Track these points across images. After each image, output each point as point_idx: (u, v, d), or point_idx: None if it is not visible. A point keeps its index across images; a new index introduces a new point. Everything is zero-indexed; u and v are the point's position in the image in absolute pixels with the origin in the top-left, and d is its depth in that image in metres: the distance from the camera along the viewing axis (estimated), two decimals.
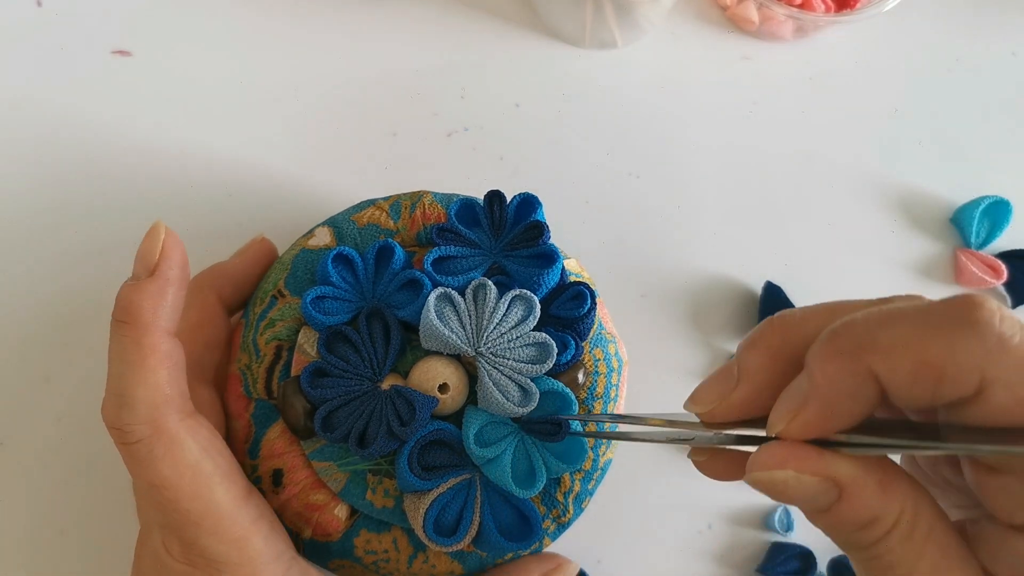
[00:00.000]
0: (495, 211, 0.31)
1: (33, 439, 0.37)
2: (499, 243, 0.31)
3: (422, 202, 0.32)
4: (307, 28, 0.43)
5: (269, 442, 0.29)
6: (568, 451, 0.29)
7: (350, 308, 0.30)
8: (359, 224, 0.32)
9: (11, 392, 0.37)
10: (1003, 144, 0.45)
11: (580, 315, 0.30)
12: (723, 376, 0.23)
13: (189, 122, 0.41)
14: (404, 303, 0.30)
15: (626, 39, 0.44)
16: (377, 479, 0.29)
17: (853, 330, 0.19)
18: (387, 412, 0.28)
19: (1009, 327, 0.18)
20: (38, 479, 0.36)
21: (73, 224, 0.39)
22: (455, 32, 0.44)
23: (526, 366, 0.29)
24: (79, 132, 0.40)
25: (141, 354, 0.26)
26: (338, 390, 0.28)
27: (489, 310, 0.29)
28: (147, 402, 0.26)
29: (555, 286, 0.30)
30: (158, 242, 0.28)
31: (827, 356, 0.19)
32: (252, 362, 0.30)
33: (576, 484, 0.31)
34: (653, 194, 0.42)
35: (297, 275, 0.31)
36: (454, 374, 0.29)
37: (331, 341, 0.29)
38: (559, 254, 0.30)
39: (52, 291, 0.38)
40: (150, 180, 0.40)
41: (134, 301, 0.26)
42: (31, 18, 0.42)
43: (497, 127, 0.42)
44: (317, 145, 0.41)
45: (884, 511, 0.20)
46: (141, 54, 0.42)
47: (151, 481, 0.25)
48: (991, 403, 0.18)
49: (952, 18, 0.47)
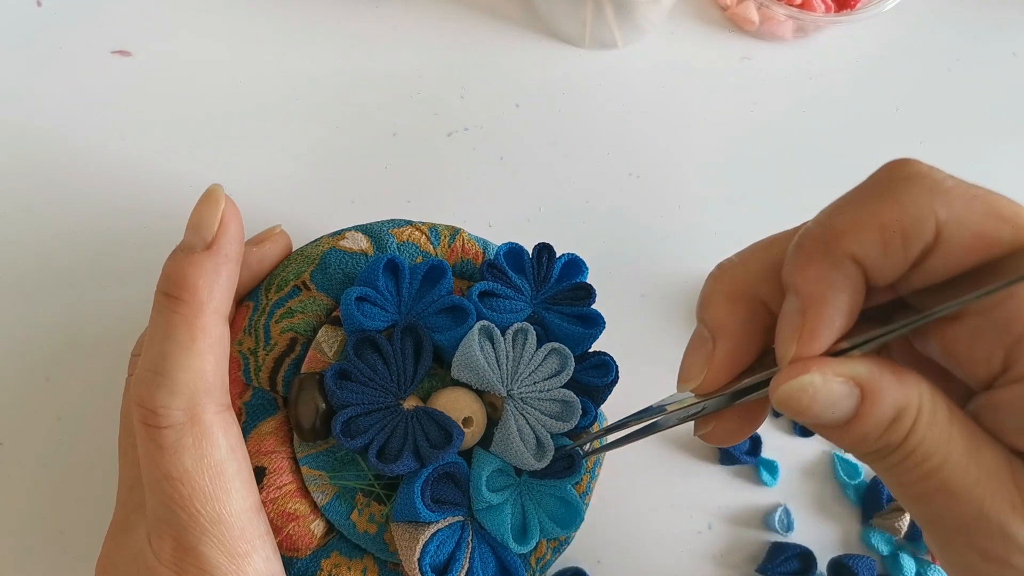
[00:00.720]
0: (543, 263, 0.31)
1: (33, 439, 0.37)
2: (540, 295, 0.31)
3: (461, 236, 0.32)
4: (307, 28, 0.43)
5: (259, 436, 0.28)
6: (564, 515, 0.29)
7: (386, 318, 0.28)
8: (398, 240, 0.31)
9: (11, 392, 0.37)
10: (1003, 144, 0.45)
11: (604, 384, 0.30)
12: (698, 343, 0.23)
13: (189, 122, 0.41)
14: (441, 327, 0.29)
15: (626, 39, 0.44)
16: (366, 501, 0.28)
17: (814, 232, 0.20)
18: (414, 432, 0.27)
19: (939, 173, 0.19)
20: (38, 479, 0.36)
21: (73, 224, 0.39)
22: (455, 32, 0.44)
23: (549, 420, 0.28)
24: (79, 132, 0.40)
25: (191, 335, 0.24)
26: (363, 396, 0.27)
27: (528, 356, 0.28)
28: (189, 387, 0.24)
29: (581, 352, 0.30)
30: (218, 210, 0.25)
31: (803, 264, 0.20)
32: (259, 348, 0.29)
33: (548, 553, 0.30)
34: (653, 194, 0.42)
35: (328, 272, 0.30)
36: (480, 410, 0.28)
37: (360, 347, 0.28)
38: (603, 320, 0.30)
39: (52, 291, 0.38)
40: (150, 180, 0.40)
41: (188, 276, 0.24)
42: (31, 18, 0.42)
43: (497, 127, 0.42)
44: (317, 145, 0.41)
45: (907, 401, 0.19)
46: (141, 54, 0.42)
47: (168, 472, 0.23)
48: (952, 243, 0.19)
49: (952, 18, 0.47)
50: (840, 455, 0.39)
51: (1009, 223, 0.18)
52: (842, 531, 0.38)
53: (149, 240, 0.39)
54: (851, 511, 0.38)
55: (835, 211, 0.20)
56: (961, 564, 0.20)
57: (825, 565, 0.37)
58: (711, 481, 0.38)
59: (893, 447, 0.20)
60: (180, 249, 0.25)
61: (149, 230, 0.39)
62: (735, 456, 0.37)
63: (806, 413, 0.20)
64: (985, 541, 0.19)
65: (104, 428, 0.37)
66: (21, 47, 0.42)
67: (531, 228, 0.41)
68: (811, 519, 0.38)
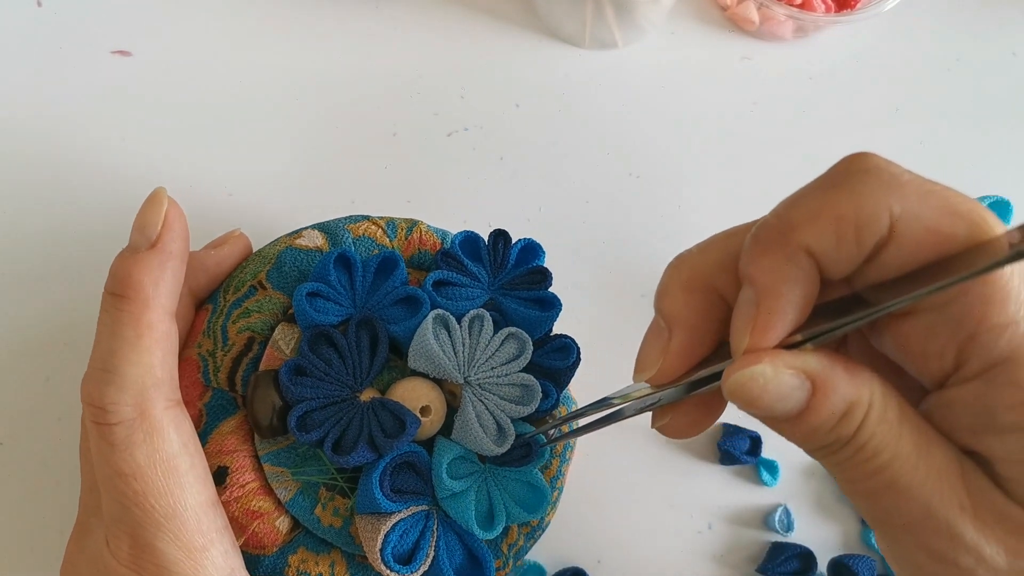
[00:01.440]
0: (499, 249, 0.31)
1: (33, 439, 0.36)
2: (497, 281, 0.31)
3: (418, 228, 0.32)
4: (307, 28, 0.43)
5: (220, 436, 0.28)
6: (530, 499, 0.29)
7: (340, 312, 0.29)
8: (354, 234, 0.31)
9: (11, 392, 0.37)
10: (1003, 144, 0.45)
11: (565, 367, 0.30)
12: (654, 333, 0.22)
13: (189, 122, 0.41)
14: (396, 318, 0.29)
15: (626, 39, 0.44)
16: (330, 495, 0.28)
17: (770, 223, 0.20)
18: (369, 423, 0.27)
19: (896, 168, 0.19)
20: (38, 479, 0.36)
21: (73, 223, 0.39)
22: (455, 32, 0.44)
23: (509, 405, 0.28)
24: (79, 132, 0.40)
25: (138, 331, 0.24)
26: (318, 391, 0.27)
27: (484, 342, 0.28)
28: (137, 383, 0.24)
29: (541, 335, 0.30)
30: (161, 211, 0.26)
31: (758, 254, 0.20)
32: (217, 349, 0.29)
33: (520, 539, 0.30)
34: (653, 194, 0.42)
35: (284, 270, 0.30)
36: (438, 399, 0.28)
37: (315, 341, 0.28)
38: (560, 302, 0.30)
39: (52, 291, 0.38)
40: (151, 179, 0.40)
41: (133, 274, 0.25)
42: (31, 18, 0.42)
43: (497, 127, 0.42)
44: (317, 145, 0.41)
45: (857, 396, 0.19)
46: (141, 54, 0.42)
47: (120, 468, 0.24)
48: (906, 238, 0.18)
49: (952, 18, 0.47)
50: None
51: (964, 219, 0.18)
52: (842, 531, 0.38)
53: None
54: (851, 511, 0.38)
55: (791, 203, 0.20)
56: (909, 563, 0.20)
57: (825, 565, 0.37)
58: (711, 481, 0.38)
59: (842, 442, 0.20)
60: (126, 249, 0.26)
61: None
62: (735, 456, 0.37)
63: (756, 403, 0.19)
64: (933, 540, 0.19)
65: None
66: (21, 47, 0.42)
67: (531, 228, 0.41)
68: (811, 519, 0.38)
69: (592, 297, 0.40)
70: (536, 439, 0.29)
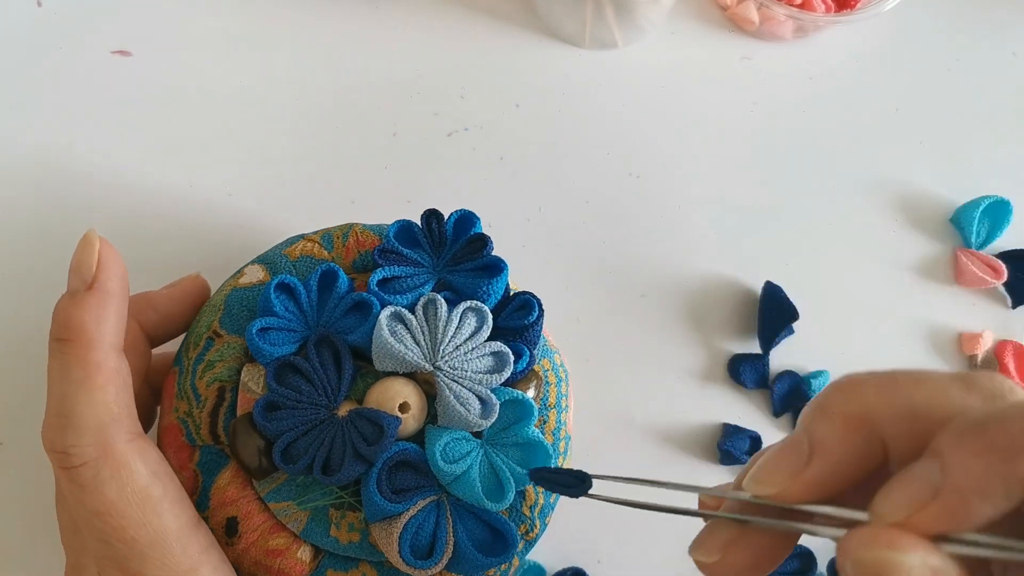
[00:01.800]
0: (434, 229, 0.31)
1: (33, 439, 0.36)
2: (441, 260, 0.31)
3: (353, 231, 0.32)
4: (307, 28, 0.43)
5: (219, 490, 0.28)
6: (533, 456, 0.29)
7: (296, 338, 0.29)
8: (291, 258, 0.31)
9: (11, 392, 0.37)
10: (1003, 144, 0.45)
11: (529, 323, 0.30)
12: (790, 450, 0.20)
13: (189, 122, 0.41)
14: (352, 327, 0.29)
15: (626, 39, 0.44)
16: (340, 513, 0.28)
17: (1009, 430, 0.17)
18: (351, 436, 0.27)
19: None
20: (38, 479, 0.36)
21: (73, 223, 0.39)
22: (455, 32, 0.44)
23: (484, 376, 0.28)
24: (79, 132, 0.40)
25: (86, 372, 0.25)
26: (294, 420, 0.27)
27: (442, 324, 0.28)
28: (94, 422, 0.24)
29: (500, 299, 0.30)
30: (93, 252, 0.26)
31: (975, 452, 0.17)
32: (192, 408, 0.29)
33: (540, 497, 0.30)
34: (653, 194, 0.42)
35: (233, 313, 0.30)
36: (413, 392, 0.28)
37: (280, 373, 0.28)
38: (504, 263, 0.30)
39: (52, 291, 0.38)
40: (151, 179, 0.40)
41: (74, 316, 0.25)
42: (31, 18, 0.42)
43: (497, 127, 0.42)
44: (318, 145, 0.41)
45: None
46: (141, 54, 0.42)
47: (95, 508, 0.24)
48: None
49: (952, 18, 0.47)
50: None
51: None
52: None
53: (149, 239, 0.39)
54: None
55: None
56: None
57: (825, 565, 0.37)
58: (711, 481, 0.38)
59: None
60: (65, 294, 0.26)
61: (148, 229, 0.39)
62: (735, 456, 0.37)
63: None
64: None
65: None
66: (21, 47, 0.42)
67: (531, 228, 0.41)
68: None
69: (592, 297, 0.40)
70: (590, 482, 0.27)
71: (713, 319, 0.40)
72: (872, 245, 0.42)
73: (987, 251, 0.42)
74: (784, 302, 0.39)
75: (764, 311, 0.40)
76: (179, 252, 0.39)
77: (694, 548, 0.22)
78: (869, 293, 0.41)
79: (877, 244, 0.42)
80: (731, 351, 0.40)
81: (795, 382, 0.39)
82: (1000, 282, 0.41)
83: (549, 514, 0.31)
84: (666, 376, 0.39)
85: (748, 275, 0.41)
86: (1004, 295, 0.42)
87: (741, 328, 0.40)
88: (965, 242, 0.42)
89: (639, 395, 0.39)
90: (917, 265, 0.42)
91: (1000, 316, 0.42)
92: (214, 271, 0.39)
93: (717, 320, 0.40)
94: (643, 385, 0.39)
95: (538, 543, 0.31)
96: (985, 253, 0.42)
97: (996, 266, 0.41)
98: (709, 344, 0.40)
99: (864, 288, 0.41)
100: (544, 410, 0.31)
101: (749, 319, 0.40)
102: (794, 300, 0.39)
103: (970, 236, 0.42)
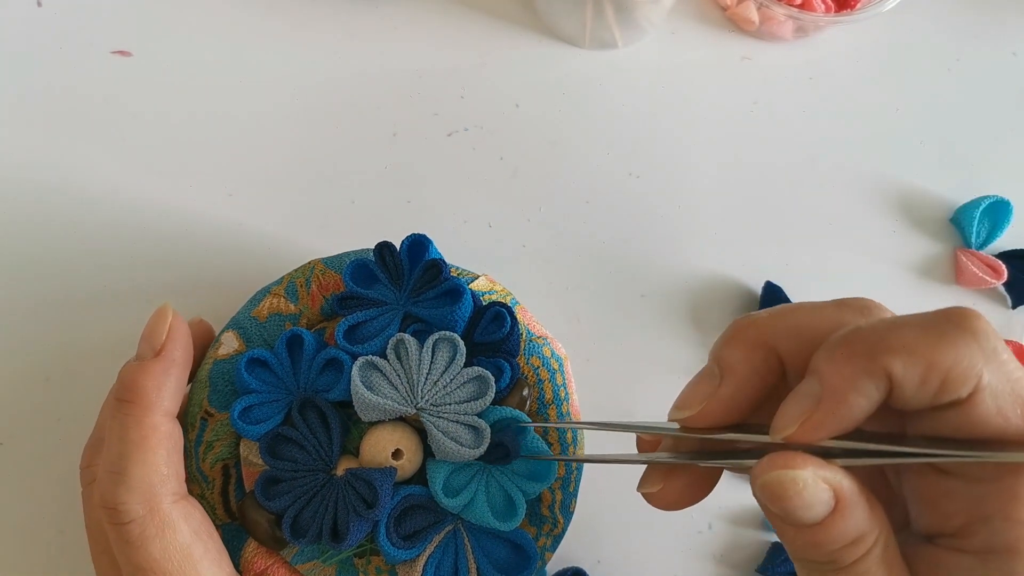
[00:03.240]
0: (388, 262, 0.31)
1: (33, 439, 0.37)
2: (404, 293, 0.31)
3: (315, 274, 0.32)
4: (307, 28, 0.43)
5: (247, 562, 0.29)
6: (538, 470, 0.29)
7: (280, 408, 0.29)
8: (260, 319, 0.31)
9: (11, 392, 0.37)
10: (1003, 144, 0.45)
11: (504, 335, 0.30)
12: (704, 377, 0.23)
13: (189, 122, 0.41)
14: (331, 384, 0.29)
15: (626, 39, 0.44)
16: (365, 560, 0.29)
17: (866, 335, 0.20)
18: (350, 499, 0.27)
19: (999, 341, 0.20)
20: (38, 479, 0.36)
21: (73, 223, 0.39)
22: (455, 32, 0.44)
23: (469, 404, 0.28)
24: (79, 132, 0.40)
25: (142, 433, 0.26)
26: (295, 492, 0.28)
27: (415, 364, 0.28)
28: (144, 482, 0.26)
29: (472, 314, 0.30)
30: (165, 324, 0.28)
31: (842, 358, 0.20)
32: (205, 491, 0.30)
33: (557, 494, 0.30)
34: (653, 194, 0.42)
35: (218, 389, 0.30)
36: (403, 437, 0.28)
37: (273, 446, 0.29)
38: (464, 286, 0.30)
39: (52, 291, 0.38)
40: (151, 179, 0.40)
41: (138, 381, 0.27)
42: (31, 18, 0.42)
43: (497, 127, 0.42)
44: (318, 145, 0.41)
45: (869, 529, 0.20)
46: (141, 54, 0.42)
47: (139, 563, 0.25)
48: (976, 409, 0.19)
49: (952, 18, 0.47)
50: None
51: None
52: None
53: (149, 239, 0.39)
54: None
55: (893, 327, 0.20)
56: None
57: None
58: None
59: (837, 566, 0.20)
60: (133, 358, 0.28)
61: (149, 229, 0.39)
62: None
63: (782, 503, 0.20)
64: None
65: None
66: (21, 47, 0.42)
67: (531, 228, 0.41)
68: None
69: (592, 297, 0.40)
70: (514, 436, 0.29)
71: (713, 319, 0.40)
72: (872, 245, 0.42)
73: (987, 251, 0.42)
74: (784, 302, 0.39)
75: None
76: (178, 252, 0.39)
77: (640, 484, 0.25)
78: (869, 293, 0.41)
79: (877, 244, 0.42)
80: None
81: None
82: (1000, 282, 0.41)
83: (572, 502, 0.31)
84: (667, 376, 0.39)
85: (748, 275, 0.41)
86: (1004, 295, 0.42)
87: None
88: (965, 242, 0.42)
89: (640, 395, 0.39)
90: (917, 265, 0.42)
91: (1000, 316, 0.42)
92: (214, 271, 0.39)
93: (717, 320, 0.40)
94: (644, 385, 0.39)
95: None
96: (985, 253, 0.42)
97: (996, 266, 0.41)
98: (709, 344, 0.40)
99: (864, 288, 0.41)
100: (543, 408, 0.31)
101: None
102: (794, 300, 0.39)
103: (970, 236, 0.42)
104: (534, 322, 0.33)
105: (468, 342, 0.29)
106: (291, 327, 0.30)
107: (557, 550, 0.31)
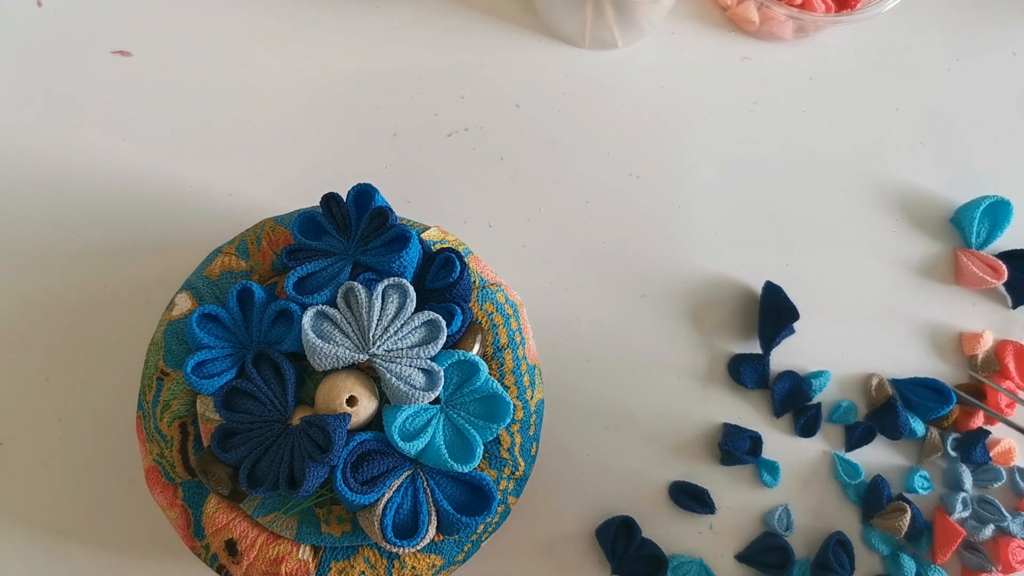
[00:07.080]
0: (335, 213, 0.31)
1: (33, 439, 0.37)
2: (352, 242, 0.30)
3: (265, 231, 0.32)
4: (307, 29, 0.43)
5: (209, 517, 0.29)
6: (494, 411, 0.29)
7: (233, 361, 0.29)
8: (212, 277, 0.31)
9: (11, 392, 0.37)
10: (1003, 144, 0.45)
11: (454, 280, 0.29)
12: None
13: (189, 122, 0.41)
14: (283, 336, 0.29)
15: (626, 39, 0.44)
16: (326, 510, 0.29)
17: None
18: (305, 445, 0.27)
19: None
20: (38, 479, 0.36)
21: (74, 223, 0.39)
22: (455, 32, 0.44)
23: (422, 348, 0.28)
24: (79, 132, 0.40)
25: None
26: (251, 444, 0.28)
27: (364, 310, 0.28)
28: None
29: (421, 261, 0.30)
30: None
31: None
32: (163, 449, 0.30)
33: (516, 436, 0.30)
34: (653, 194, 0.42)
35: (172, 349, 0.30)
36: (357, 383, 0.28)
37: (228, 399, 0.28)
38: (411, 231, 0.30)
39: (52, 291, 0.38)
40: (151, 179, 0.40)
41: None
42: (31, 18, 0.42)
43: (497, 127, 0.42)
44: (318, 145, 0.41)
45: None
46: (141, 54, 0.42)
47: None
48: None
49: (952, 18, 0.47)
50: (840, 455, 0.39)
51: None
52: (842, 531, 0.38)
53: (149, 239, 0.39)
54: (851, 511, 0.38)
55: None
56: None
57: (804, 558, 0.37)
58: (711, 481, 0.38)
59: None
60: None
61: (149, 229, 0.39)
62: (736, 456, 0.37)
63: None
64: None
65: (104, 428, 0.37)
66: (21, 47, 0.42)
67: (531, 228, 0.41)
68: (811, 519, 0.38)
69: (592, 297, 0.40)
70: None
71: (713, 319, 0.40)
72: (872, 245, 0.42)
73: (987, 251, 0.42)
74: (784, 302, 0.39)
75: (764, 311, 0.40)
76: (179, 252, 0.39)
77: None
78: (869, 293, 0.41)
79: (877, 244, 0.42)
80: (731, 351, 0.40)
81: (795, 382, 0.39)
82: (1000, 282, 0.41)
83: (533, 446, 0.31)
84: (667, 376, 0.39)
85: (748, 275, 0.41)
86: (1004, 295, 0.42)
87: (741, 328, 0.40)
88: (965, 242, 0.42)
89: (640, 395, 0.39)
90: (917, 265, 0.42)
91: (1000, 316, 0.42)
92: None
93: (717, 320, 0.40)
94: (644, 385, 0.39)
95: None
96: (985, 253, 0.42)
97: (996, 266, 0.41)
98: (709, 344, 0.40)
99: (864, 288, 0.41)
100: (498, 353, 0.31)
101: (749, 319, 0.40)
102: (794, 300, 0.39)
103: (970, 236, 0.42)
104: (488, 270, 0.33)
105: (419, 289, 0.29)
106: (241, 283, 0.30)
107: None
